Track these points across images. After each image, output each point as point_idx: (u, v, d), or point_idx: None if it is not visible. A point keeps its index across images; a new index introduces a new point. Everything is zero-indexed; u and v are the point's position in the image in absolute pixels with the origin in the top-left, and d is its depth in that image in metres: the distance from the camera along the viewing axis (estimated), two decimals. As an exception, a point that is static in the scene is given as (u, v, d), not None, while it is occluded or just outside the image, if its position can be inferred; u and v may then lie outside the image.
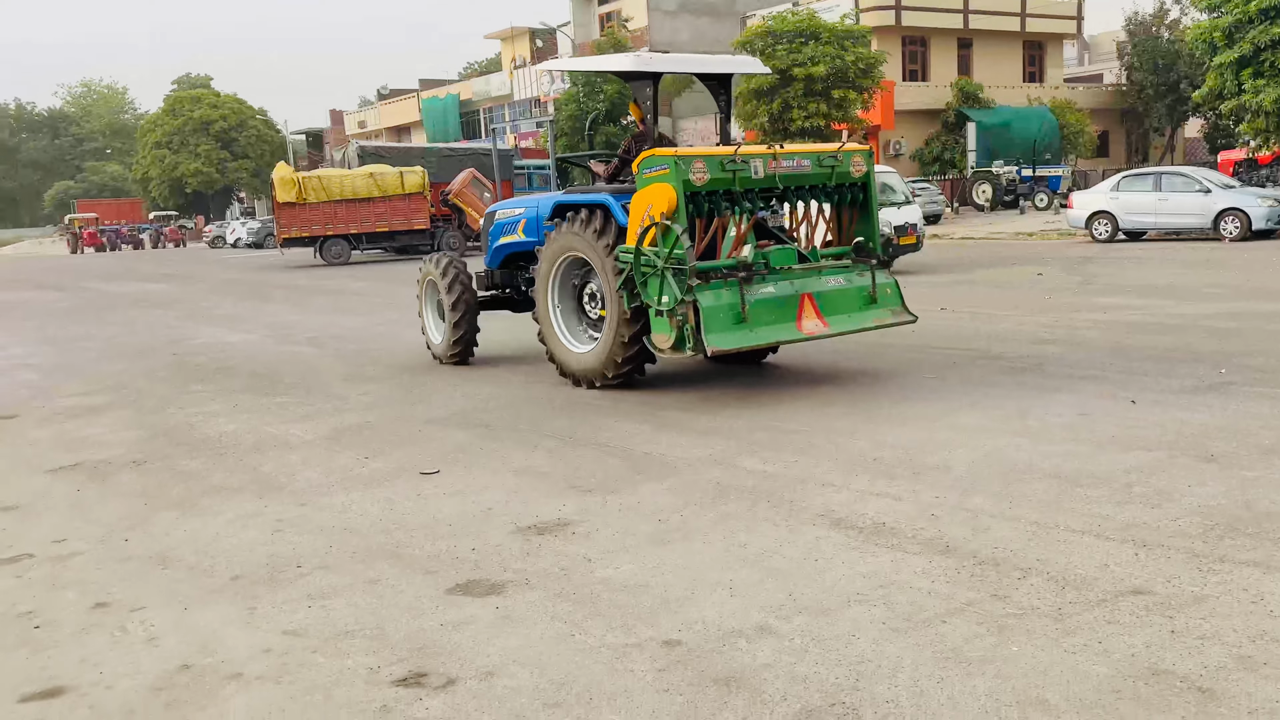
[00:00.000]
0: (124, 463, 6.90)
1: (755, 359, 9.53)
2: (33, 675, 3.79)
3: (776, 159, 8.18)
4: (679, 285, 7.55)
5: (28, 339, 14.64)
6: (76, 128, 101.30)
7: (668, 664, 3.62)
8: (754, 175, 8.04)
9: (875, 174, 8.85)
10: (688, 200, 7.76)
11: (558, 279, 8.91)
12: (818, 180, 8.43)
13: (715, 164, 7.87)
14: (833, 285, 8.29)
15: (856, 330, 8.41)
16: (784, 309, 7.95)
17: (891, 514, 5.08)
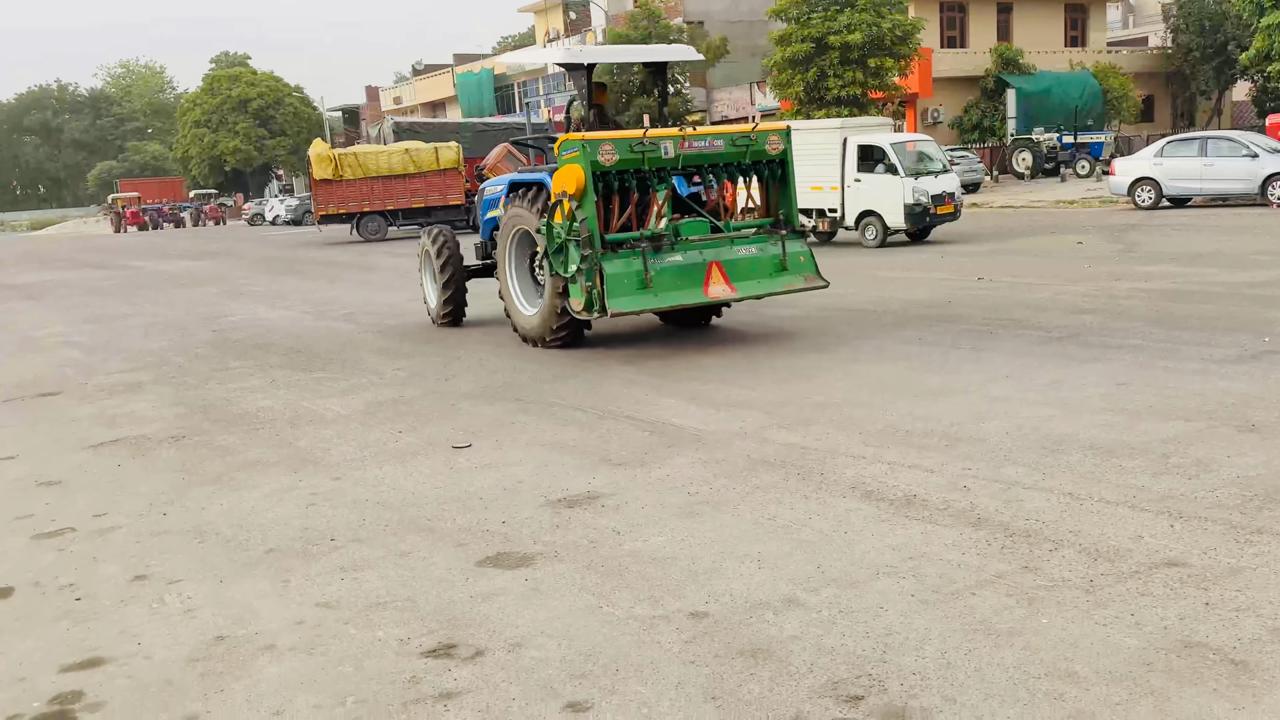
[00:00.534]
0: (163, 438, 7.01)
1: (700, 320, 10.25)
2: (73, 646, 3.87)
3: (687, 140, 8.94)
4: (578, 255, 8.42)
5: (71, 317, 14.89)
6: (118, 108, 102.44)
7: (694, 635, 3.63)
8: (664, 155, 8.78)
9: (793, 151, 9.52)
10: (606, 178, 8.62)
11: (513, 249, 9.76)
12: (733, 159, 9.17)
13: (624, 146, 8.64)
14: (743, 254, 9.03)
15: (765, 295, 9.16)
16: (691, 276, 8.73)
17: (923, 486, 5.04)
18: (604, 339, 9.94)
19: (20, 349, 11.85)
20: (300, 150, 62.06)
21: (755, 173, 9.40)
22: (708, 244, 8.96)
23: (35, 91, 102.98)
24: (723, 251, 8.96)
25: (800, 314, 10.86)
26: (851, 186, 18.46)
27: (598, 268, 8.42)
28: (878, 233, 18.22)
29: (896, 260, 15.91)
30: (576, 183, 8.44)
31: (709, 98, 41.61)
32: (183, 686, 3.51)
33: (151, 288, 19.08)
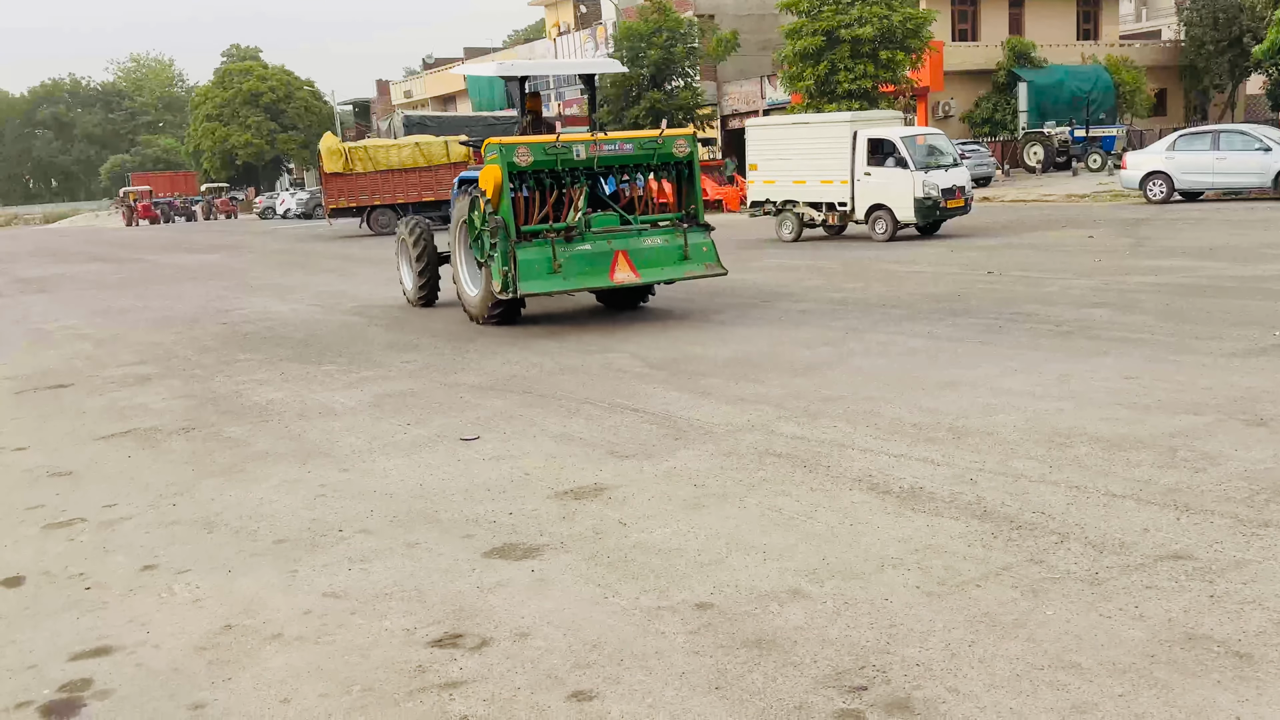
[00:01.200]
0: (173, 430, 7.05)
1: (631, 303, 11.38)
2: (83, 634, 3.91)
3: (597, 144, 10.06)
4: (488, 244, 9.72)
5: (82, 310, 14.97)
6: (129, 102, 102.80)
7: (699, 626, 3.64)
8: (576, 157, 9.93)
9: (699, 153, 10.71)
10: (526, 174, 9.84)
11: (461, 237, 10.90)
12: (642, 160, 10.33)
13: (539, 149, 9.82)
14: (649, 244, 10.16)
15: (667, 280, 10.35)
16: (598, 262, 9.88)
17: (930, 478, 5.04)
18: (611, 333, 9.95)
19: (32, 341, 11.91)
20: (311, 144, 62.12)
21: (665, 173, 10.59)
22: (616, 235, 10.07)
23: (48, 85, 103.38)
24: (630, 242, 10.07)
25: (810, 307, 10.85)
26: (861, 180, 18.42)
27: (512, 254, 9.58)
28: (887, 226, 18.18)
29: (906, 254, 15.87)
30: (495, 181, 9.63)
31: (719, 91, 41.52)
32: (191, 675, 3.53)
33: (162, 281, 19.15)
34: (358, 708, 3.24)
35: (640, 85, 35.08)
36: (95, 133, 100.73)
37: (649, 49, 34.68)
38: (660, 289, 11.61)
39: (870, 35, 27.62)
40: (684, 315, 10.82)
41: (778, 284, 13.07)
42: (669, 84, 35.57)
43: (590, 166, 10.08)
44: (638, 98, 35.00)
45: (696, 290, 12.81)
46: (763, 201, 20.25)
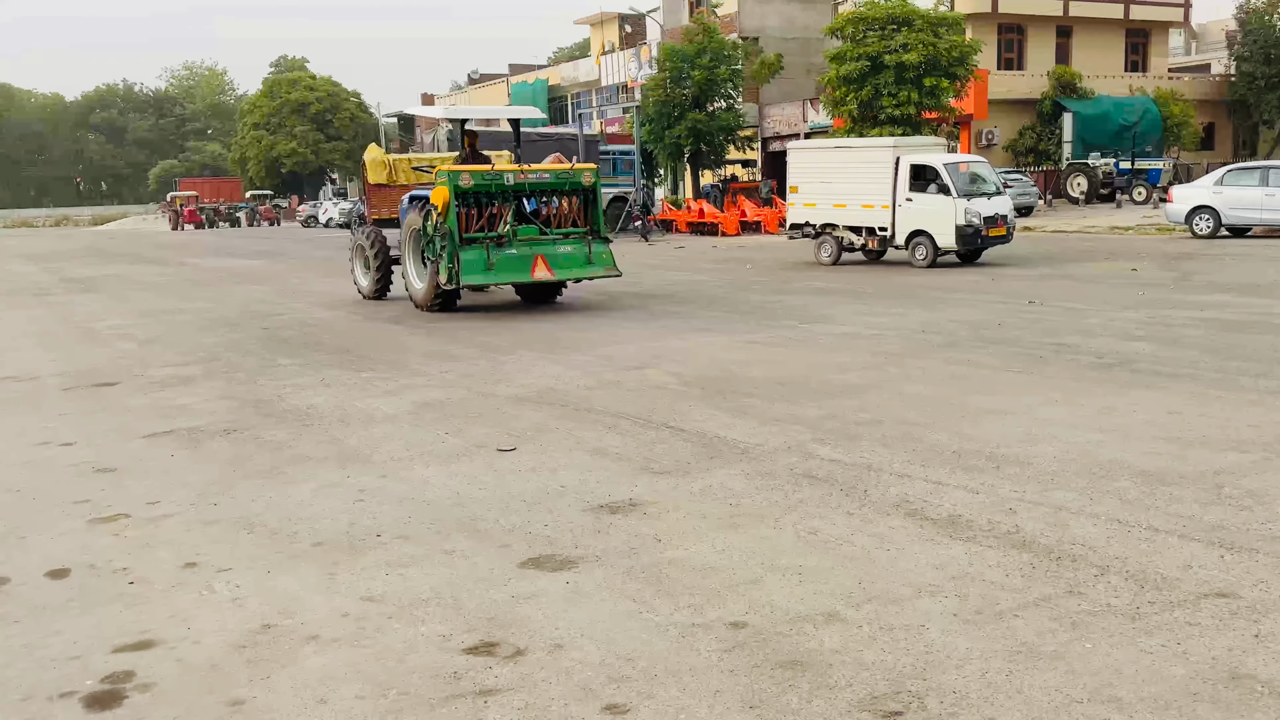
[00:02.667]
0: (215, 431, 7.15)
1: (546, 299, 13.96)
2: (126, 627, 3.97)
3: (524, 173, 12.93)
4: (439, 246, 12.50)
5: (128, 310, 15.22)
6: (180, 108, 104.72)
7: (734, 645, 3.64)
8: (506, 182, 12.68)
9: (601, 183, 13.60)
10: (468, 194, 12.45)
11: (410, 242, 13.53)
12: (558, 186, 13.05)
13: (478, 176, 12.61)
14: (562, 250, 12.81)
15: (576, 279, 13.17)
16: (522, 263, 12.57)
17: (968, 506, 5.01)
18: (647, 349, 9.98)
19: (81, 340, 12.13)
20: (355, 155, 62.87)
21: (574, 196, 13.16)
22: (536, 243, 12.73)
23: (102, 90, 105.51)
24: (547, 248, 12.73)
25: (848, 331, 10.83)
26: (903, 206, 18.36)
27: (456, 255, 12.25)
28: (928, 253, 18.10)
29: (946, 281, 15.79)
30: (443, 199, 12.39)
31: (761, 113, 41.59)
32: (229, 672, 3.58)
33: (205, 284, 19.44)
34: (393, 711, 3.27)
35: (682, 106, 35.18)
36: (146, 138, 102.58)
37: (692, 70, 34.80)
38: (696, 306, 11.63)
39: (915, 62, 27.56)
40: (721, 334, 10.83)
41: (816, 307, 13.05)
42: (711, 105, 35.64)
43: (518, 190, 12.76)
44: (679, 118, 35.10)
45: (735, 310, 12.83)
46: (802, 224, 20.23)
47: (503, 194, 12.67)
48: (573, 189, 13.11)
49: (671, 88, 35.32)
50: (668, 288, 16.09)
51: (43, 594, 4.33)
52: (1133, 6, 40.65)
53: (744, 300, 14.06)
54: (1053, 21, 39.31)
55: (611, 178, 35.64)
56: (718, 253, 24.12)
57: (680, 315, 12.63)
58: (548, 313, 13.29)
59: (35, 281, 22.02)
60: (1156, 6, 41.28)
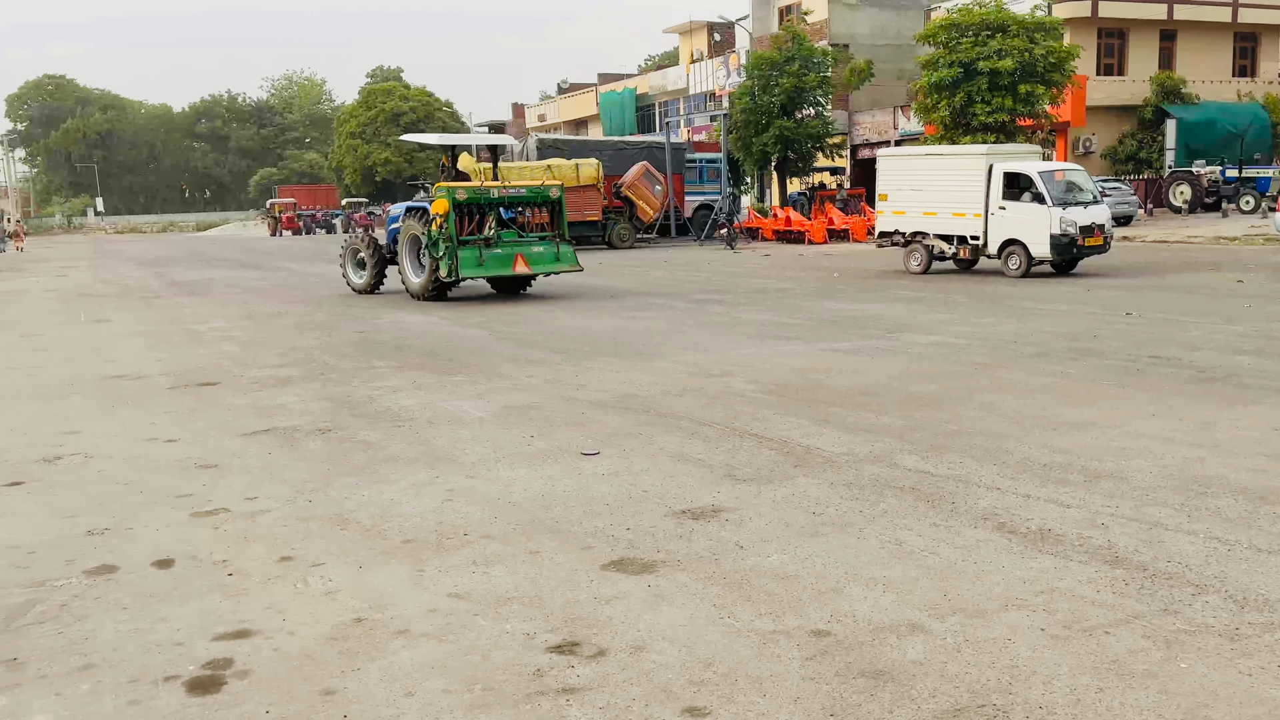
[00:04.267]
0: (311, 430, 7.37)
1: (516, 290, 17.35)
2: (225, 617, 4.13)
3: (505, 189, 16.50)
4: (442, 247, 15.60)
5: (230, 313, 15.76)
6: (280, 118, 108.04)
7: (815, 653, 3.63)
8: (493, 196, 16.02)
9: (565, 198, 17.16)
10: (462, 205, 15.70)
11: (408, 245, 16.74)
12: (531, 199, 16.53)
13: (470, 190, 15.99)
14: (535, 250, 16.17)
15: (546, 273, 16.53)
16: (506, 260, 15.96)
17: (1058, 520, 4.90)
18: (729, 357, 9.98)
19: (185, 341, 12.61)
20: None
21: (545, 207, 16.60)
22: (516, 244, 16.11)
23: (207, 101, 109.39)
24: (523, 248, 16.10)
25: (937, 340, 10.67)
26: (995, 214, 18.03)
27: (455, 254, 15.49)
28: (1021, 262, 17.73)
29: (1040, 291, 15.44)
30: (444, 209, 15.55)
31: (850, 121, 41.21)
32: (322, 662, 3.70)
33: (302, 289, 20.01)
34: (478, 705, 3.34)
35: (770, 113, 35.05)
36: (247, 146, 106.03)
37: (781, 77, 34.66)
38: (779, 314, 11.56)
39: (1010, 68, 27.01)
40: (805, 342, 10.77)
41: (903, 316, 12.89)
42: (799, 112, 35.44)
43: (500, 202, 16.10)
44: (767, 125, 34.97)
45: (820, 318, 12.75)
46: (891, 232, 20.00)
47: (490, 205, 15.99)
48: (543, 201, 16.55)
49: (759, 95, 35.22)
50: (751, 296, 16.05)
51: (149, 582, 4.52)
52: (1241, 9, 39.19)
53: (829, 308, 13.96)
54: (1156, 25, 38.12)
55: (697, 186, 35.70)
56: (804, 260, 23.96)
57: (763, 323, 12.60)
58: (631, 320, 13.38)
59: (144, 285, 22.94)
60: (1267, 9, 39.71)
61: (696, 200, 35.04)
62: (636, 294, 16.92)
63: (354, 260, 18.43)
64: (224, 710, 3.38)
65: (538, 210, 16.48)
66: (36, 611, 4.22)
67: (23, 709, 3.43)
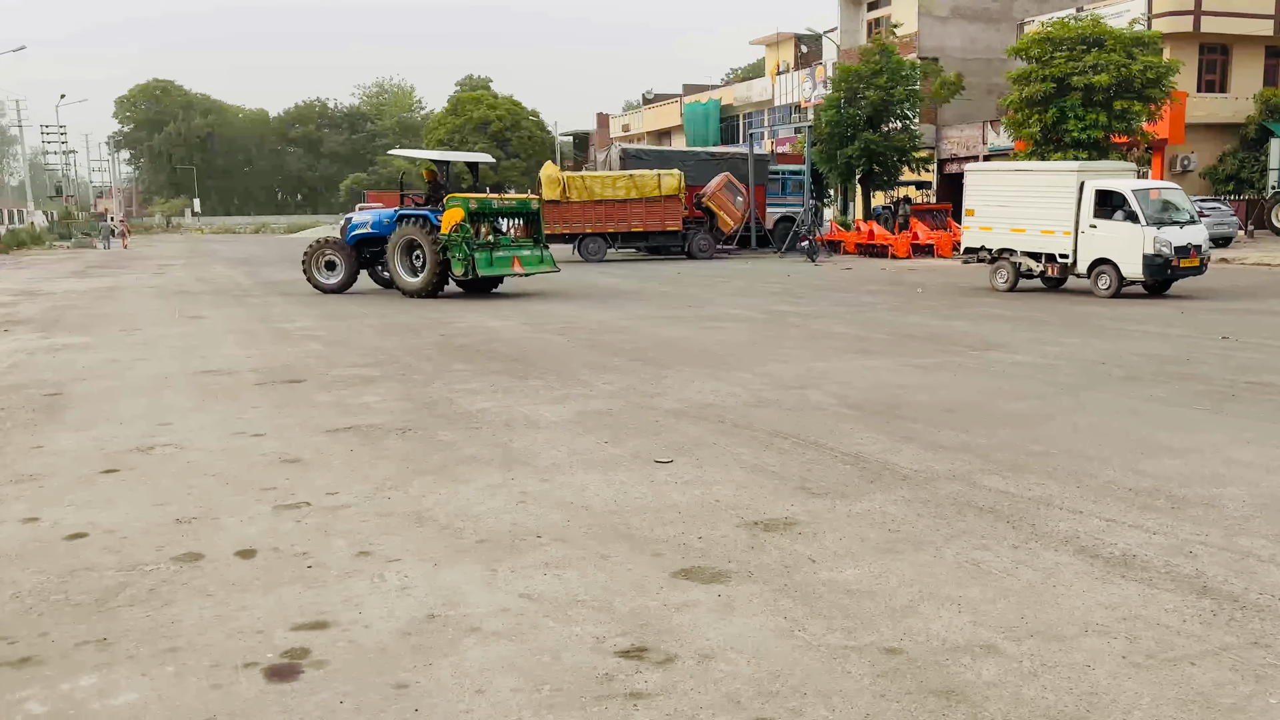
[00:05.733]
0: (391, 429, 7.52)
1: (488, 289, 19.62)
2: (304, 608, 4.23)
3: (502, 200, 19.41)
4: (465, 249, 17.74)
5: (315, 314, 16.15)
6: (371, 124, 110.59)
7: (887, 670, 3.58)
8: (495, 206, 18.84)
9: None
10: (470, 214, 17.93)
11: (400, 250, 18.59)
12: (519, 210, 19.52)
13: (480, 201, 18.44)
14: (526, 253, 18.88)
15: (535, 272, 19.08)
16: (507, 261, 18.52)
17: (1144, 546, 4.76)
18: (810, 370, 9.90)
19: (274, 339, 12.97)
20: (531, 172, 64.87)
21: (525, 216, 19.56)
22: (511, 248, 18.80)
23: (301, 107, 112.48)
24: (518, 252, 18.82)
25: (1023, 360, 10.46)
26: (1086, 232, 17.60)
27: (471, 256, 17.83)
28: (1111, 282, 17.27)
29: (1130, 312, 15.02)
30: (461, 215, 17.70)
31: (938, 135, 40.63)
32: (396, 656, 3.77)
33: (384, 291, 20.40)
34: (546, 706, 3.37)
35: (856, 125, 34.74)
36: (339, 151, 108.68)
37: (868, 90, 34.34)
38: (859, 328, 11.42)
39: (1105, 83, 26.36)
40: (885, 356, 10.64)
41: (988, 333, 12.65)
42: (885, 125, 35.07)
43: (499, 213, 18.96)
44: (852, 137, 34.67)
45: (901, 333, 12.58)
46: (977, 248, 19.66)
47: (488, 214, 18.63)
48: (525, 212, 19.49)
49: (846, 107, 34.95)
50: (832, 309, 15.92)
51: (232, 571, 4.66)
52: (1353, 25, 37.63)
53: (912, 323, 13.77)
54: (1261, 41, 36.85)
55: (780, 197, 35.51)
56: (886, 275, 23.67)
57: (844, 336, 12.48)
58: (709, 330, 13.37)
59: (237, 284, 23.63)
60: (1380, 24, 38.07)
61: (778, 212, 34.87)
62: (715, 304, 16.91)
63: (323, 263, 20.01)
64: (301, 698, 3.46)
65: (522, 219, 19.56)
66: (127, 594, 4.37)
67: (112, 687, 3.56)
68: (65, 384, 9.59)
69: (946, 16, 42.62)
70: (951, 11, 42.79)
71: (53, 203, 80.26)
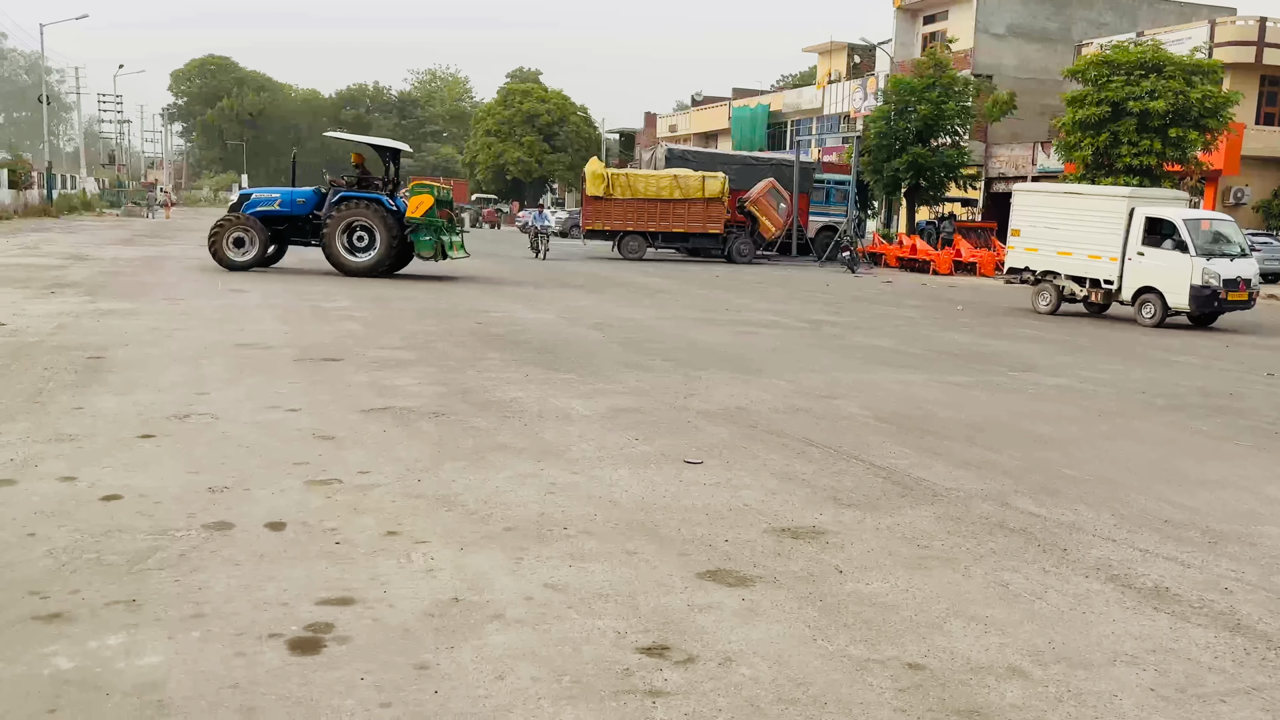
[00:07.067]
0: (425, 412, 7.55)
1: (392, 272, 20.25)
2: (330, 583, 4.26)
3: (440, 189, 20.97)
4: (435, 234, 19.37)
5: (354, 295, 16.28)
6: (421, 110, 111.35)
7: (909, 685, 3.55)
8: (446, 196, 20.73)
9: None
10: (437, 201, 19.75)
11: (342, 231, 19.28)
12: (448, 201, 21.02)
13: (440, 191, 20.31)
14: (455, 238, 20.40)
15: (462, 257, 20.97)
16: (457, 245, 20.38)
17: (1177, 579, 4.68)
18: (838, 382, 9.84)
19: (312, 317, 13.08)
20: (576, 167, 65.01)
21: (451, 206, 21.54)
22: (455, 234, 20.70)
23: (353, 89, 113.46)
24: (456, 237, 20.57)
25: (1061, 384, 10.33)
26: (1133, 259, 17.38)
27: (440, 240, 19.47)
28: (1156, 311, 17.03)
29: (1174, 343, 14.80)
30: (431, 201, 19.20)
31: (987, 153, 40.24)
32: (419, 637, 3.78)
33: (425, 277, 20.53)
34: (566, 696, 3.37)
35: (904, 139, 34.49)
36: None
37: (919, 103, 34.07)
38: (896, 340, 11.32)
39: (1162, 110, 25.98)
40: (921, 371, 10.55)
41: (1027, 354, 12.51)
42: (935, 140, 34.78)
43: (447, 202, 20.67)
44: (900, 150, 34.42)
45: (938, 349, 12.48)
46: (1021, 269, 19.46)
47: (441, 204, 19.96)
48: (450, 203, 21.33)
49: (895, 120, 34.70)
50: (870, 320, 15.82)
51: (261, 543, 4.70)
52: None
53: (950, 340, 13.65)
54: (1325, 76, 36.15)
55: (823, 206, 35.34)
56: (927, 290, 23.49)
57: (880, 349, 12.39)
58: (744, 335, 13.33)
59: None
60: None
61: (821, 221, 34.70)
62: (753, 309, 16.85)
63: (231, 240, 19.58)
64: (322, 671, 3.48)
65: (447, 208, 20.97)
66: (157, 558, 4.42)
67: (138, 648, 3.60)
68: (108, 348, 9.72)
69: (1003, 34, 42.20)
70: (1009, 30, 42.37)
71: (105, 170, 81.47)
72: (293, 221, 20.02)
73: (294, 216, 19.97)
